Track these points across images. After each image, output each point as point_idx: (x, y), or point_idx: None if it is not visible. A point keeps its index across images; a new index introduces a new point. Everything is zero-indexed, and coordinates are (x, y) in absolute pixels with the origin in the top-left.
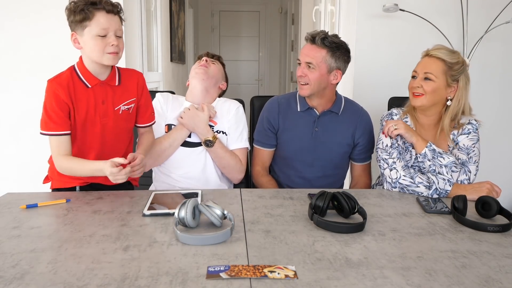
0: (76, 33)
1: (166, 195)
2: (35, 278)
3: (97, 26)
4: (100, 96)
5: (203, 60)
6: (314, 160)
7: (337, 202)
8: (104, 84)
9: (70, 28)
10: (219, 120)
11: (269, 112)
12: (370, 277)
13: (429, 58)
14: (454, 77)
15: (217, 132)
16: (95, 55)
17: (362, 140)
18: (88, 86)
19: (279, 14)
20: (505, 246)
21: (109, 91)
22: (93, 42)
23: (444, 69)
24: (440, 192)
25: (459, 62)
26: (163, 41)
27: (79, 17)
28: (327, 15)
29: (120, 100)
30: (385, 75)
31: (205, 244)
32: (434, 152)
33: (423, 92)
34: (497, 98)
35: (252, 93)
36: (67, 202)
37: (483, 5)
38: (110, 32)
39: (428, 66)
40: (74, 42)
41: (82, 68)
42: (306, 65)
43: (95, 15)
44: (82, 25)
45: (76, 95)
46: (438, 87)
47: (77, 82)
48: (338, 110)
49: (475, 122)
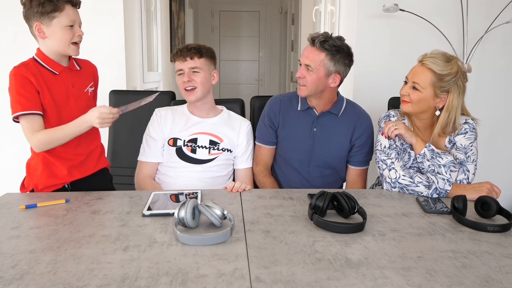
0: (41, 23)
1: (165, 195)
2: (35, 278)
3: (67, 17)
4: (69, 81)
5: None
6: (311, 159)
7: (337, 202)
8: (68, 69)
9: (31, 18)
10: (226, 136)
11: (270, 109)
12: (370, 277)
13: (420, 67)
14: (443, 88)
15: (222, 150)
16: (62, 45)
17: (359, 142)
18: (56, 73)
19: (279, 14)
20: (505, 246)
21: (75, 75)
22: (63, 32)
23: (433, 81)
24: (440, 192)
25: (451, 74)
26: (163, 41)
27: (49, 8)
28: (327, 15)
29: (85, 82)
30: (385, 75)
31: (205, 244)
32: (433, 152)
33: (410, 100)
34: (497, 98)
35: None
36: (67, 202)
37: (483, 5)
38: (76, 24)
39: (416, 76)
40: (38, 32)
41: (43, 57)
42: (305, 67)
43: (65, 8)
44: (50, 16)
45: (45, 83)
46: (424, 97)
47: (43, 70)
48: (338, 112)
49: (472, 121)
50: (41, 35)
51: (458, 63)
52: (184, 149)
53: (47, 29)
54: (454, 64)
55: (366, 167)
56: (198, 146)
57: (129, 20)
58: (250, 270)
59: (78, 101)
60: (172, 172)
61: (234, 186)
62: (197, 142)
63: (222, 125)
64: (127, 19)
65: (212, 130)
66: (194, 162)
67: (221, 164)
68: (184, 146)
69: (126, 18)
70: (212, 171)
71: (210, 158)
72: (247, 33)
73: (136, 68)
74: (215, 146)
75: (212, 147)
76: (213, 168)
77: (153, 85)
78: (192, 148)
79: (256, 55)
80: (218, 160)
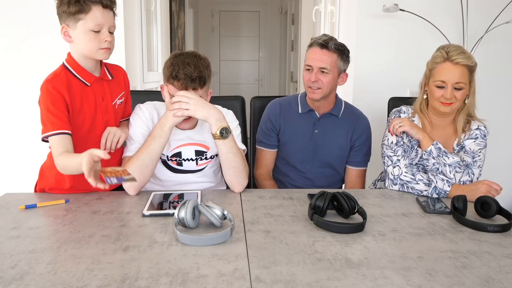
0: (67, 26)
1: (165, 196)
2: (35, 278)
3: (93, 21)
4: (100, 93)
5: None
6: (314, 161)
7: (337, 202)
8: (100, 80)
9: (59, 18)
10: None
11: (270, 113)
12: (370, 277)
13: (455, 66)
14: (472, 77)
15: (211, 158)
16: (88, 50)
17: (358, 142)
18: (87, 85)
19: (279, 14)
20: (505, 246)
21: (106, 86)
22: (87, 37)
23: (469, 76)
24: (439, 192)
25: (476, 63)
26: (163, 41)
27: (74, 9)
28: (327, 15)
29: (115, 94)
30: (385, 75)
31: (205, 244)
32: (439, 150)
33: (455, 101)
34: (497, 98)
35: (252, 93)
36: (66, 202)
37: (483, 5)
38: (104, 28)
39: (458, 76)
40: (64, 35)
41: (74, 65)
42: (319, 70)
43: (91, 9)
44: (76, 18)
45: (76, 96)
46: (466, 93)
47: (74, 81)
48: (338, 113)
49: (484, 129)
50: (67, 38)
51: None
52: (169, 163)
53: (72, 32)
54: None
55: (365, 168)
56: (183, 160)
57: (129, 20)
58: (250, 270)
59: (105, 115)
60: (162, 182)
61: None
62: (181, 155)
63: (206, 130)
64: (127, 19)
65: (197, 138)
66: (183, 172)
67: (213, 171)
68: (169, 161)
69: (126, 18)
70: (202, 182)
71: (199, 168)
72: (247, 33)
73: (136, 68)
74: (202, 156)
75: (199, 157)
76: (202, 178)
77: (153, 85)
78: (177, 162)
79: (256, 55)
80: (207, 169)
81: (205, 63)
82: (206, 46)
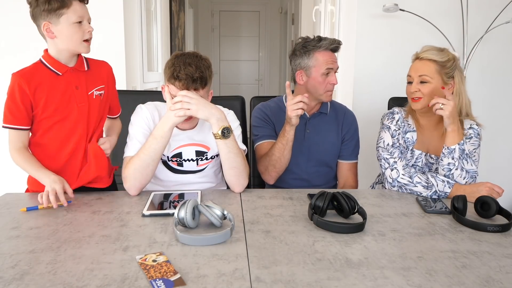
0: (49, 23)
1: (165, 195)
2: (35, 278)
3: (75, 13)
4: (73, 82)
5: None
6: (308, 160)
7: (337, 202)
8: (74, 70)
9: (36, 17)
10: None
11: (261, 112)
12: (370, 277)
13: (420, 61)
14: (448, 74)
15: (211, 158)
16: (72, 43)
17: (347, 136)
18: (59, 74)
19: (279, 14)
20: (505, 246)
21: (81, 76)
22: (72, 30)
23: (437, 69)
24: (439, 194)
25: (450, 59)
26: (163, 41)
27: (55, 5)
28: (327, 15)
29: (92, 85)
30: (385, 75)
31: (205, 244)
32: (462, 152)
33: (421, 96)
34: (497, 98)
35: (252, 93)
36: (69, 203)
37: (483, 5)
38: (85, 20)
39: (421, 69)
40: (46, 32)
41: (49, 59)
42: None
43: (72, 3)
44: (58, 13)
45: (43, 85)
46: (435, 87)
47: (45, 72)
48: (326, 110)
49: (476, 127)
50: (50, 34)
51: (450, 50)
52: (169, 163)
53: (55, 27)
54: (447, 52)
55: (356, 161)
56: (184, 160)
57: (129, 20)
58: (250, 270)
59: (81, 104)
60: (162, 183)
61: None
62: (182, 156)
63: (206, 130)
64: (127, 19)
65: (197, 139)
66: (184, 172)
67: (213, 172)
68: (169, 161)
69: (126, 18)
70: (203, 182)
71: (199, 169)
72: (247, 33)
73: (136, 68)
74: (203, 156)
75: (199, 158)
76: (203, 179)
77: (153, 85)
78: (178, 163)
79: (256, 55)
80: (208, 169)
81: (206, 64)
82: (206, 46)
